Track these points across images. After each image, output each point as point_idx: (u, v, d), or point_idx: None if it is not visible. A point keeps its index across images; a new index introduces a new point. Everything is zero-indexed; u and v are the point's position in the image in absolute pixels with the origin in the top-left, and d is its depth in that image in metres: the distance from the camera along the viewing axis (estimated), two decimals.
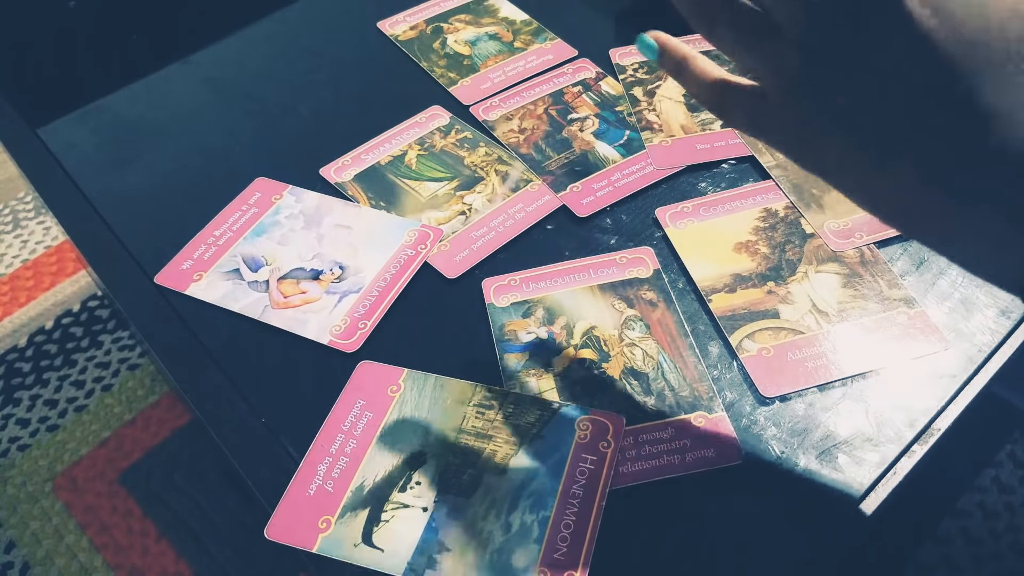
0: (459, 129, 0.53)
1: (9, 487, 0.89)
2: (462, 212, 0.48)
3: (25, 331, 1.03)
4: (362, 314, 0.43)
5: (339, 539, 0.35)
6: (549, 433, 0.38)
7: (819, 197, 0.46)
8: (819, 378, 0.39)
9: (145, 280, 0.46)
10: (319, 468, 0.37)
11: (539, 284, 0.44)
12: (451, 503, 0.36)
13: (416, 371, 0.41)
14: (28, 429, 0.94)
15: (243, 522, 0.85)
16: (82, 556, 0.83)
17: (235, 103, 0.57)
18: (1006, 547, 0.77)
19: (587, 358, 0.41)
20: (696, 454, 0.37)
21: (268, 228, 0.48)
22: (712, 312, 0.42)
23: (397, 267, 0.45)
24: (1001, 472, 0.82)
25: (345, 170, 0.51)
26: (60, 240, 1.12)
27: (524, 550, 0.34)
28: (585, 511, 0.35)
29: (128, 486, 0.88)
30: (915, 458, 0.37)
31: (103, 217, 0.49)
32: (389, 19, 0.62)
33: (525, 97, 0.55)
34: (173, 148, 0.54)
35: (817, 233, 0.45)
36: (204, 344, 0.43)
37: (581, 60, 0.57)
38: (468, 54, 0.59)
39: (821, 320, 0.42)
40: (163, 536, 0.84)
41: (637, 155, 0.50)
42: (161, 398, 0.95)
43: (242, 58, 0.60)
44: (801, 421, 0.38)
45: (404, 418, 0.39)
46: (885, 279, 0.43)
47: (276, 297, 0.45)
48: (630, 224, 0.47)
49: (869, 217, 0.45)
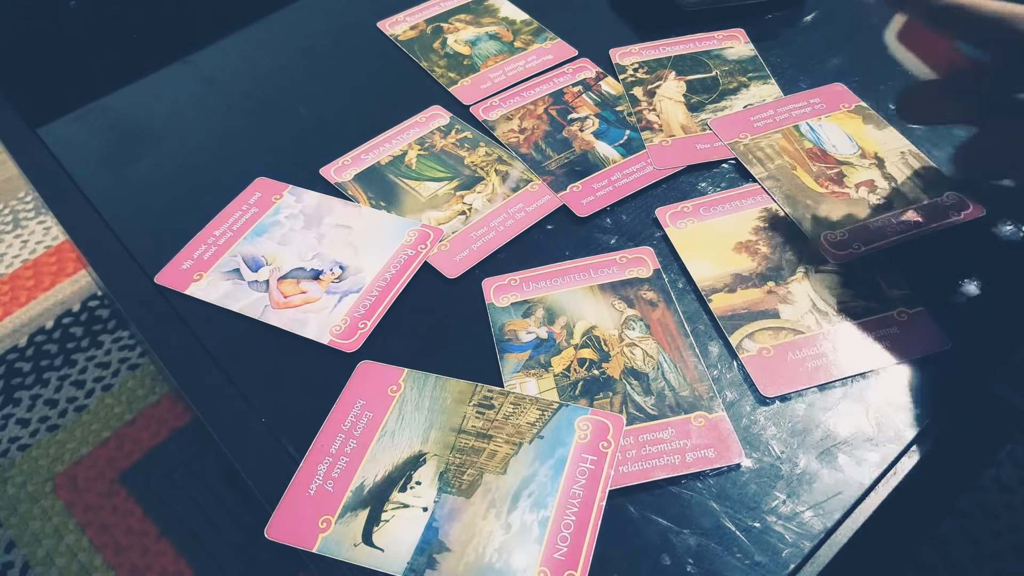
0: (459, 129, 0.53)
1: (9, 487, 0.89)
2: (462, 212, 0.48)
3: (25, 331, 1.03)
4: (362, 314, 0.43)
5: (339, 539, 0.35)
6: (549, 433, 0.38)
7: (814, 207, 0.46)
8: (819, 378, 0.39)
9: (145, 280, 0.46)
10: (319, 468, 0.37)
11: (539, 284, 0.44)
12: (451, 503, 0.36)
13: (416, 371, 0.41)
14: (28, 429, 0.94)
15: (243, 522, 0.85)
16: (82, 556, 0.83)
17: (235, 103, 0.57)
18: (1006, 547, 0.77)
19: (587, 358, 0.41)
20: (696, 454, 0.37)
21: (268, 228, 0.48)
22: (712, 312, 0.42)
23: (397, 267, 0.45)
24: (1001, 472, 0.82)
25: (345, 170, 0.51)
26: (60, 240, 1.12)
27: (524, 550, 0.34)
28: (585, 511, 0.35)
29: (128, 486, 0.88)
30: (915, 458, 0.37)
31: (103, 217, 0.49)
32: (389, 19, 0.62)
33: (525, 97, 0.55)
34: (173, 148, 0.54)
35: (815, 244, 0.45)
36: (204, 344, 0.43)
37: (581, 60, 0.57)
38: (468, 54, 0.59)
39: (821, 320, 0.42)
40: (163, 536, 0.84)
41: (637, 155, 0.50)
42: (161, 398, 0.95)
43: (242, 58, 0.60)
44: (801, 421, 0.38)
45: (404, 418, 0.39)
46: (885, 279, 0.43)
47: (276, 297, 0.45)
48: (630, 224, 0.47)
49: (865, 226, 0.45)
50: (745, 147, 0.50)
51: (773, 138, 0.50)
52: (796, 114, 0.52)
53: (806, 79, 0.54)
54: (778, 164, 0.49)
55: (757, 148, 0.50)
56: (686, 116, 0.52)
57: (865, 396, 0.39)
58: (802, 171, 0.48)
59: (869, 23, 0.58)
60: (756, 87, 0.54)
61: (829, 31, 0.58)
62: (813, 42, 0.57)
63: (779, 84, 0.54)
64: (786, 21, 0.59)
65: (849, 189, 0.47)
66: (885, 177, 0.48)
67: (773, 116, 0.52)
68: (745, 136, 0.51)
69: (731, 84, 0.54)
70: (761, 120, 0.51)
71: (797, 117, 0.52)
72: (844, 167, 0.48)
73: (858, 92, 0.53)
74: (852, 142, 0.50)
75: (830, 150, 0.49)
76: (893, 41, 0.47)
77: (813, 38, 0.58)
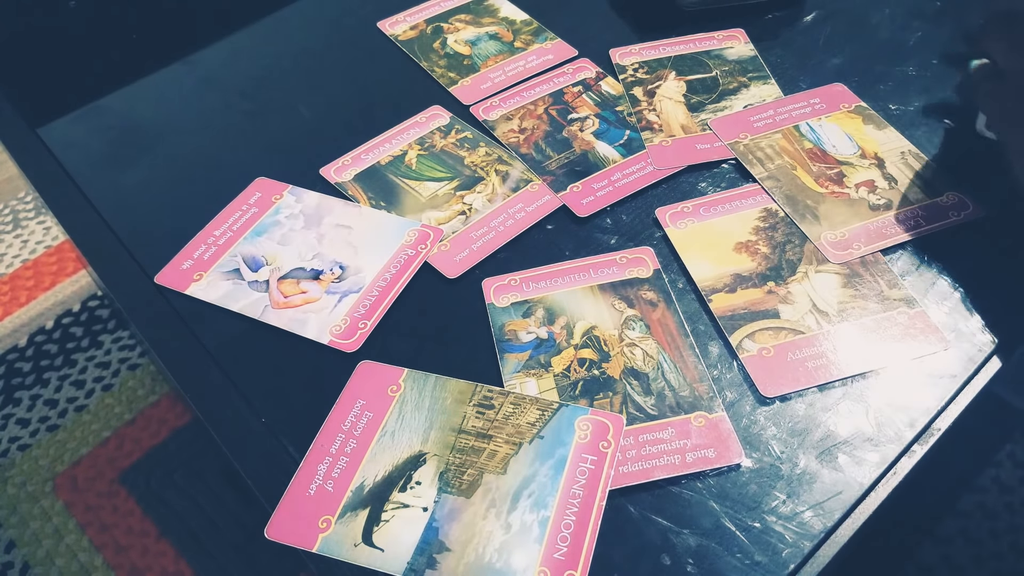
0: (459, 129, 0.53)
1: (9, 487, 0.89)
2: (462, 212, 0.48)
3: (25, 331, 1.03)
4: (362, 314, 0.43)
5: (339, 539, 0.35)
6: (549, 433, 0.38)
7: (813, 208, 0.46)
8: (819, 378, 0.39)
9: (145, 280, 0.46)
10: (319, 468, 0.37)
11: (539, 284, 0.44)
12: (451, 503, 0.36)
13: (416, 371, 0.41)
14: (28, 429, 0.94)
15: (243, 522, 0.85)
16: (82, 556, 0.83)
17: (235, 103, 0.57)
18: (1006, 547, 0.77)
19: (587, 358, 0.41)
20: (696, 454, 0.37)
21: (268, 228, 0.48)
22: (712, 312, 0.42)
23: (397, 267, 0.45)
24: (1001, 472, 0.82)
25: (345, 170, 0.51)
26: (60, 240, 1.12)
27: (524, 550, 0.34)
28: (585, 511, 0.35)
29: (128, 486, 0.88)
30: (915, 458, 0.37)
31: (103, 217, 0.49)
32: (389, 19, 0.62)
33: (525, 97, 0.55)
34: (173, 148, 0.54)
35: (815, 244, 0.45)
36: (204, 344, 0.43)
37: (581, 60, 0.57)
38: (468, 54, 0.59)
39: (821, 320, 0.42)
40: (163, 536, 0.84)
41: (637, 155, 0.50)
42: (161, 398, 0.95)
43: (242, 58, 0.60)
44: (801, 421, 0.38)
45: (404, 418, 0.39)
46: (885, 279, 0.43)
47: (276, 297, 0.45)
48: (630, 224, 0.47)
49: (865, 226, 0.45)
50: (745, 147, 0.50)
51: (773, 138, 0.50)
52: (796, 114, 0.52)
53: (806, 79, 0.54)
54: (778, 164, 0.49)
55: (757, 148, 0.50)
56: (686, 116, 0.52)
57: (865, 396, 0.39)
58: (802, 171, 0.48)
59: (869, 23, 0.58)
60: (756, 87, 0.54)
61: (829, 31, 0.58)
62: (813, 42, 0.57)
63: (779, 84, 0.54)
64: (786, 21, 0.59)
65: (849, 189, 0.47)
66: (885, 177, 0.48)
67: (773, 116, 0.52)
68: (745, 136, 0.51)
69: (731, 84, 0.54)
70: (761, 120, 0.51)
71: (797, 117, 0.52)
72: (844, 167, 0.48)
73: (858, 92, 0.53)
74: (852, 142, 0.50)
75: (830, 150, 0.49)
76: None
77: (813, 38, 0.58)
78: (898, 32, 0.57)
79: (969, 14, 0.58)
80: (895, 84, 0.53)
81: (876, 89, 0.53)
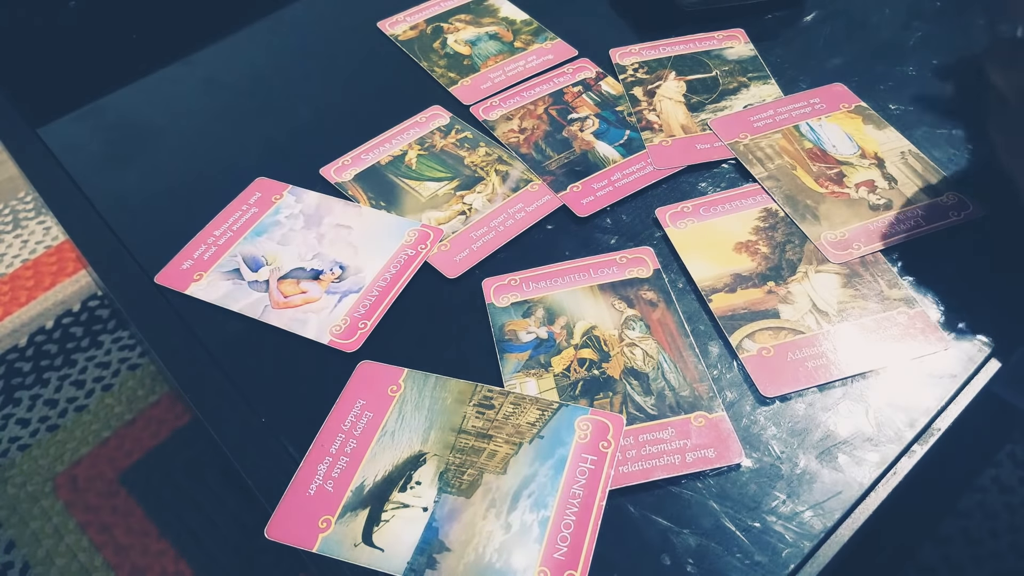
0: (459, 129, 0.53)
1: (9, 487, 0.89)
2: (462, 212, 0.48)
3: (25, 331, 1.03)
4: (362, 314, 0.43)
5: (339, 539, 0.35)
6: (549, 433, 0.38)
7: (813, 208, 0.46)
8: (819, 378, 0.39)
9: (145, 280, 0.46)
10: (319, 468, 0.37)
11: (539, 284, 0.44)
12: (451, 503, 0.36)
13: (416, 371, 0.41)
14: (28, 429, 0.94)
15: (243, 522, 0.85)
16: (82, 556, 0.83)
17: (235, 103, 0.57)
18: (1006, 547, 0.77)
19: (587, 358, 0.41)
20: (696, 454, 0.37)
21: (268, 228, 0.48)
22: (712, 312, 0.42)
23: (397, 267, 0.45)
24: (1001, 472, 0.82)
25: (345, 170, 0.51)
26: (60, 240, 1.12)
27: (524, 550, 0.34)
28: (585, 511, 0.35)
29: (128, 486, 0.88)
30: (915, 458, 0.37)
31: (103, 217, 0.49)
32: (389, 19, 0.62)
33: (525, 97, 0.55)
34: (173, 148, 0.54)
35: (815, 244, 0.45)
36: (204, 344, 0.43)
37: (581, 60, 0.57)
38: (468, 54, 0.59)
39: (821, 320, 0.42)
40: (163, 536, 0.84)
41: (637, 155, 0.50)
42: (161, 398, 0.95)
43: (242, 58, 0.60)
44: (801, 421, 0.38)
45: (404, 418, 0.39)
46: (885, 279, 0.43)
47: (276, 297, 0.45)
48: (630, 224, 0.47)
49: (865, 226, 0.45)
50: (745, 147, 0.50)
51: (773, 138, 0.50)
52: (796, 114, 0.52)
53: (806, 79, 0.54)
54: (778, 164, 0.49)
55: (757, 148, 0.50)
56: (686, 116, 0.52)
57: (865, 396, 0.39)
58: (802, 171, 0.48)
59: (869, 23, 0.58)
60: (756, 87, 0.54)
61: (829, 31, 0.58)
62: (813, 42, 0.57)
63: (779, 84, 0.54)
64: (786, 21, 0.59)
65: (849, 189, 0.47)
66: (885, 177, 0.48)
67: (773, 116, 0.52)
68: (745, 136, 0.51)
69: (731, 84, 0.54)
70: (761, 120, 0.51)
71: (797, 117, 0.52)
72: (844, 167, 0.48)
73: (858, 92, 0.53)
74: (852, 142, 0.50)
75: (830, 150, 0.49)
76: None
77: (813, 38, 0.58)
78: (898, 32, 0.57)
79: (969, 14, 0.58)
80: (895, 84, 0.53)
81: (876, 89, 0.53)
